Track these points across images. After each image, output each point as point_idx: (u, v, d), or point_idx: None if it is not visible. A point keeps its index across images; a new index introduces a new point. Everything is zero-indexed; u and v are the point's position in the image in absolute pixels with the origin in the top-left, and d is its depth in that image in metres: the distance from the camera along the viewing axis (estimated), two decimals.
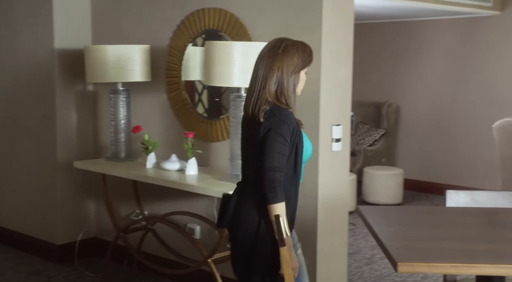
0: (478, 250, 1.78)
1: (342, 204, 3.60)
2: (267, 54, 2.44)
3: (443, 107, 7.05)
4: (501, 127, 4.78)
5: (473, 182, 6.77)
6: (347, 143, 3.56)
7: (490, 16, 6.56)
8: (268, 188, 2.32)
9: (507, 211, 2.32)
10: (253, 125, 2.41)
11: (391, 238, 1.83)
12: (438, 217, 2.23)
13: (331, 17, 3.37)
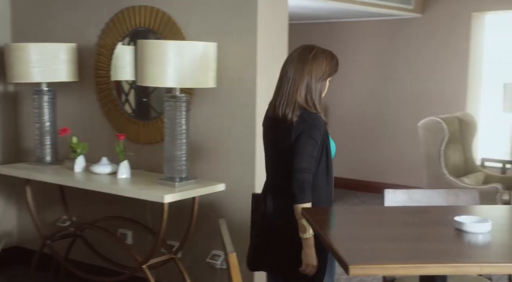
0: (425, 249, 1.80)
1: None
2: (297, 58, 2.53)
3: (369, 107, 7.23)
4: (425, 126, 4.95)
5: (399, 179, 6.98)
6: None
7: (411, 18, 6.79)
8: (297, 188, 2.40)
9: (443, 209, 2.38)
10: (283, 128, 2.49)
11: (339, 239, 1.82)
12: (381, 216, 2.25)
13: (266, 17, 3.35)
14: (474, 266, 1.62)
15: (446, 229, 1.99)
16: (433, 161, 4.90)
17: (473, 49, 6.50)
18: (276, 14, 3.44)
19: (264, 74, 3.37)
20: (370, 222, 2.13)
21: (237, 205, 3.46)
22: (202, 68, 3.21)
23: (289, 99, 2.48)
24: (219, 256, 3.56)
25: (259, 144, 3.37)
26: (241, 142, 3.42)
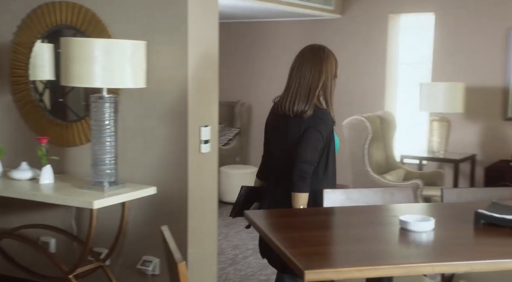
0: (376, 250, 1.81)
1: (212, 208, 3.53)
2: (311, 57, 2.66)
3: None
4: (350, 125, 5.05)
5: None
6: (215, 144, 3.49)
7: (332, 19, 6.92)
8: (298, 177, 2.53)
9: (383, 208, 2.41)
10: (295, 121, 2.61)
11: (289, 243, 1.79)
12: (327, 217, 2.25)
13: (196, 15, 3.27)
14: (427, 265, 1.65)
15: (391, 229, 2.01)
16: (358, 159, 5.01)
17: (390, 50, 6.72)
18: (207, 12, 3.37)
19: (195, 73, 3.29)
20: (316, 224, 2.12)
21: (169, 208, 3.36)
22: (131, 68, 3.08)
23: (309, 97, 2.60)
24: (151, 261, 3.45)
25: (192, 145, 3.30)
26: (172, 144, 3.32)
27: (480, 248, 1.89)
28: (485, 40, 6.09)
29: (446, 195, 2.57)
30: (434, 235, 1.96)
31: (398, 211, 2.30)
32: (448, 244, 1.91)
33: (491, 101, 6.09)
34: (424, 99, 5.90)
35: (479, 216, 2.08)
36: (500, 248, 1.89)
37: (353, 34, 6.84)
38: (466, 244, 1.93)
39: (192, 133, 3.30)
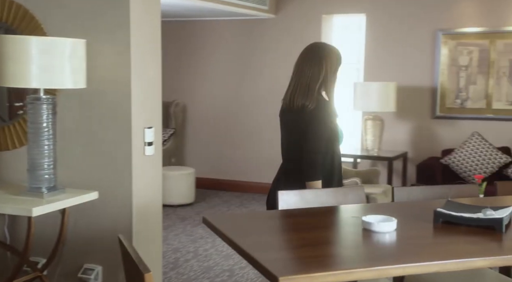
0: (346, 253, 1.79)
1: (157, 212, 3.42)
2: (311, 55, 2.86)
3: (228, 106, 7.26)
4: None
5: (261, 177, 7.11)
6: (159, 146, 3.39)
7: (267, 19, 6.93)
8: (308, 167, 2.72)
9: (343, 209, 2.41)
10: (298, 115, 2.79)
11: (257, 248, 1.74)
12: (288, 220, 2.22)
13: (139, 12, 3.15)
14: (399, 267, 1.65)
15: (354, 230, 2.01)
16: None
17: None
18: (149, 9, 3.26)
19: (139, 74, 3.18)
20: (280, 227, 2.08)
21: (112, 214, 3.23)
22: (70, 67, 2.93)
23: (309, 92, 2.78)
24: (93, 270, 3.30)
25: (136, 147, 3.18)
26: (115, 146, 3.18)
27: (447, 247, 1.91)
28: (414, 42, 6.30)
29: (396, 194, 2.60)
30: (397, 235, 1.98)
31: (357, 211, 2.31)
32: (414, 244, 1.92)
33: (421, 100, 6.30)
34: (358, 98, 6.02)
35: (438, 214, 2.12)
36: (466, 246, 1.93)
37: (287, 34, 6.88)
38: (432, 243, 1.96)
39: (136, 135, 3.18)
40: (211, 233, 5.47)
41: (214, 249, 4.99)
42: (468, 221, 2.06)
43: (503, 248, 1.94)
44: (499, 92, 6.01)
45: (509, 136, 5.95)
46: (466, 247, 1.91)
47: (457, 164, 5.71)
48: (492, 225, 2.03)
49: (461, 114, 6.16)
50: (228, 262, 4.63)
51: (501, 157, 5.63)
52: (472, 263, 1.76)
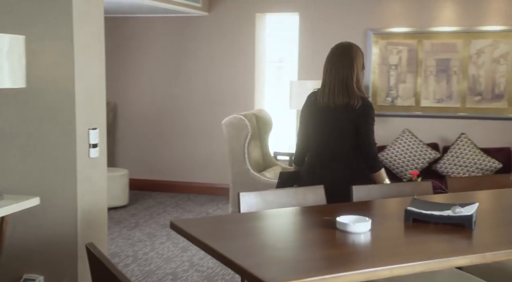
0: (330, 256, 1.76)
1: (102, 217, 3.28)
2: (343, 56, 3.09)
3: (163, 105, 7.10)
4: (229, 124, 5.02)
5: (195, 177, 7.02)
6: (104, 148, 3.24)
7: (199, 16, 6.84)
8: (373, 159, 3.09)
9: (315, 208, 2.39)
10: (344, 113, 3.04)
11: (239, 254, 1.68)
12: (261, 223, 2.16)
13: (81, 6, 3.00)
14: (386, 269, 1.64)
15: (330, 231, 1.99)
16: (238, 157, 4.99)
17: (258, 49, 6.81)
18: (91, 4, 3.11)
19: (82, 71, 3.02)
20: (254, 230, 2.03)
21: (55, 220, 3.05)
22: (8, 65, 2.73)
23: (348, 89, 3.02)
24: (33, 280, 3.11)
25: (81, 150, 3.03)
26: (58, 149, 3.01)
27: (424, 246, 1.93)
28: (346, 40, 6.40)
29: (355, 192, 2.62)
30: (372, 235, 1.98)
31: (327, 211, 2.29)
32: (392, 245, 1.93)
33: None
34: (294, 97, 6.06)
35: (409, 213, 2.14)
36: (442, 244, 1.96)
37: (221, 32, 6.82)
38: (408, 243, 1.97)
39: (80, 136, 3.03)
40: (149, 235, 5.35)
41: (155, 252, 4.86)
42: (439, 219, 2.10)
43: (477, 246, 1.99)
44: (427, 90, 6.24)
45: (437, 133, 6.19)
46: (442, 246, 1.94)
47: (390, 160, 5.87)
48: (462, 222, 2.08)
49: (392, 112, 6.35)
50: (170, 265, 4.52)
51: (430, 153, 5.85)
52: (453, 262, 1.79)
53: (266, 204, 2.43)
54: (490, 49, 6.01)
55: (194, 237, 1.88)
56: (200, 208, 6.37)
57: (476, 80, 6.09)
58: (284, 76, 7.09)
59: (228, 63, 6.83)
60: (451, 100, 6.18)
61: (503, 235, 2.11)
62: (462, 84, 6.12)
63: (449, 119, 6.14)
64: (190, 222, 2.14)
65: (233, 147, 5.01)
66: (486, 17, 6.00)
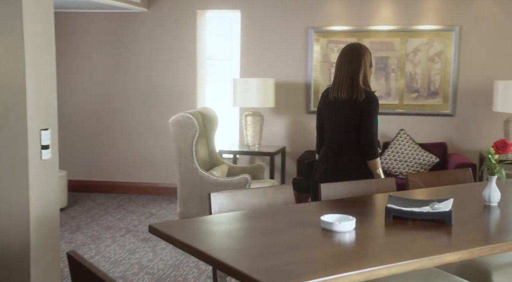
0: (322, 256, 1.74)
1: (55, 220, 3.13)
2: (352, 54, 3.40)
3: (102, 104, 6.88)
4: (176, 122, 4.92)
5: (137, 176, 6.86)
6: (55, 149, 3.09)
7: (139, 13, 6.68)
8: (370, 147, 3.33)
9: (289, 208, 2.37)
10: (350, 105, 3.34)
11: (231, 257, 1.63)
12: (245, 224, 2.12)
13: (31, 5, 2.83)
14: (383, 268, 1.64)
15: (314, 231, 1.98)
16: (186, 156, 4.91)
17: (200, 46, 6.74)
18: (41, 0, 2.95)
19: (33, 69, 2.86)
20: (241, 232, 1.99)
21: (4, 225, 2.88)
22: None
23: (353, 84, 3.34)
24: None
25: (33, 151, 2.87)
26: (8, 151, 2.85)
27: (411, 244, 1.96)
28: (288, 38, 6.46)
29: (323, 190, 2.62)
30: (357, 234, 1.98)
31: (307, 211, 2.28)
32: (381, 243, 1.95)
33: (296, 96, 6.49)
34: (238, 95, 6.04)
35: (389, 211, 2.16)
36: (428, 241, 2.00)
37: (161, 29, 6.70)
38: (395, 242, 1.98)
39: (32, 137, 2.87)
40: (93, 238, 5.17)
41: (101, 255, 4.70)
42: (420, 215, 2.14)
43: (461, 242, 2.03)
44: None
45: (379, 129, 6.34)
46: (429, 243, 1.97)
47: None
48: (441, 218, 2.12)
49: None
50: (119, 269, 4.40)
51: None
52: (443, 258, 1.81)
53: (236, 204, 2.39)
54: (425, 48, 6.23)
55: (180, 241, 1.81)
56: (143, 209, 6.23)
57: (413, 78, 6.29)
58: (227, 74, 7.05)
59: (169, 60, 6.71)
60: (390, 97, 6.36)
61: (479, 230, 2.19)
62: (400, 81, 6.31)
63: (388, 116, 6.31)
64: (169, 225, 2.06)
65: (181, 146, 4.92)
66: (422, 16, 6.21)
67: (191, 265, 4.46)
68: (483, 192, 2.51)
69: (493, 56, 6.10)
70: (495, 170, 2.39)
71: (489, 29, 6.08)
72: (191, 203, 4.97)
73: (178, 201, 5.04)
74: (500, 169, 2.41)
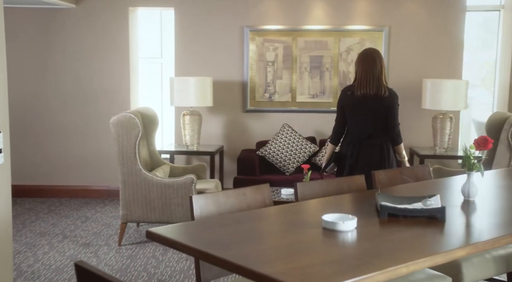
0: (340, 258, 1.74)
1: (7, 229, 2.94)
2: (373, 57, 4.09)
3: (28, 104, 6.52)
4: (118, 123, 4.75)
5: (66, 179, 6.58)
6: (8, 153, 2.90)
7: (67, 9, 6.41)
8: (397, 135, 4.10)
9: (278, 209, 2.35)
10: (378, 101, 4.05)
11: (249, 260, 1.59)
12: (247, 225, 2.07)
13: None
14: (402, 266, 1.65)
15: (315, 231, 1.97)
16: (128, 157, 4.76)
17: (132, 44, 6.56)
18: None
19: None
20: (248, 234, 1.94)
21: None
22: None
23: (379, 82, 4.05)
24: None
25: None
26: None
27: (424, 241, 2.00)
28: (224, 37, 6.43)
29: (300, 189, 2.63)
30: (358, 233, 1.99)
31: (298, 211, 2.27)
32: (389, 241, 1.96)
33: (233, 94, 6.48)
34: (175, 94, 5.94)
35: (384, 208, 2.19)
36: (433, 238, 2.06)
37: (91, 26, 6.46)
38: (407, 238, 2.02)
39: None
40: (28, 246, 4.91)
41: (40, 263, 4.49)
42: (415, 212, 2.18)
43: (460, 237, 2.10)
44: (302, 86, 6.49)
45: (313, 127, 6.47)
46: (435, 239, 2.02)
47: (273, 154, 6.02)
48: (435, 215, 2.18)
49: (270, 108, 6.50)
50: (63, 276, 4.21)
51: (310, 146, 6.10)
52: (452, 254, 1.85)
53: (218, 206, 2.35)
54: (357, 47, 6.41)
55: (190, 247, 1.75)
56: (77, 213, 5.99)
57: (346, 77, 6.47)
58: (157, 73, 6.92)
59: (100, 59, 6.49)
60: (325, 95, 6.50)
61: (472, 225, 2.26)
62: (333, 80, 6.46)
63: (323, 114, 6.45)
64: (169, 230, 1.98)
65: (123, 147, 4.77)
66: (353, 17, 6.39)
67: (139, 269, 4.35)
68: (462, 188, 2.60)
69: (421, 56, 6.39)
70: (473, 166, 2.49)
71: (415, 30, 6.36)
72: (134, 206, 4.84)
73: (120, 203, 4.89)
74: (479, 165, 2.51)
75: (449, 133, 6.02)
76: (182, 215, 4.78)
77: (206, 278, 2.17)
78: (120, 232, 4.92)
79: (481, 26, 7.05)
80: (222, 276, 2.34)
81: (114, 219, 5.77)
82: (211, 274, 2.16)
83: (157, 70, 7.02)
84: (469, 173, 2.53)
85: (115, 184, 6.58)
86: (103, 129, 6.43)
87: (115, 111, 6.42)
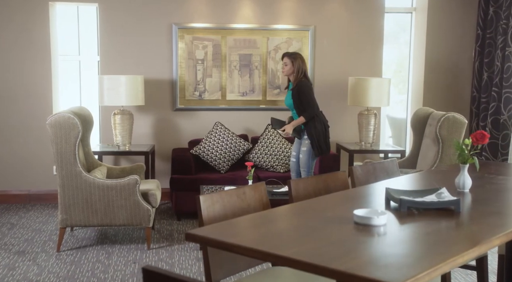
0: (384, 253, 1.77)
1: None
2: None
3: None
4: (56, 123, 4.49)
5: (16, 184, 6.14)
6: None
7: None
8: None
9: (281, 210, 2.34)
10: None
11: (315, 257, 1.59)
12: (275, 225, 2.04)
13: None
14: (459, 257, 1.70)
15: (347, 226, 2.00)
16: (67, 159, 4.53)
17: (54, 41, 6.24)
18: None
19: None
20: (293, 232, 1.93)
21: None
22: None
23: None
24: None
25: None
26: None
27: (470, 232, 2.08)
28: (152, 35, 6.30)
29: (293, 186, 2.65)
30: (390, 227, 2.04)
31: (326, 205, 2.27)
32: (423, 233, 2.03)
33: (163, 93, 6.37)
34: (105, 92, 5.74)
35: (404, 202, 2.26)
36: (470, 228, 2.14)
37: (6, 21, 6.06)
38: (442, 230, 2.09)
39: None
40: None
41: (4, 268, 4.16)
42: (433, 205, 2.27)
43: (484, 225, 2.18)
44: (232, 84, 6.52)
45: (244, 125, 6.53)
46: (468, 229, 2.12)
47: (207, 152, 6.00)
48: (450, 206, 2.29)
49: (200, 106, 6.46)
50: None
51: (243, 144, 6.15)
52: (493, 242, 1.93)
53: (221, 206, 2.33)
54: (285, 46, 6.55)
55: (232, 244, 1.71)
56: (29, 218, 5.61)
57: (274, 75, 6.59)
58: (80, 70, 6.63)
59: (17, 56, 6.10)
60: (254, 93, 6.57)
61: (487, 215, 2.33)
62: (262, 78, 6.56)
63: (253, 112, 6.53)
64: (209, 230, 1.92)
65: (62, 148, 4.54)
66: (280, 16, 6.52)
67: (87, 275, 4.17)
68: (456, 180, 2.74)
69: (345, 54, 6.65)
70: (468, 159, 2.64)
71: (339, 30, 6.61)
72: (74, 210, 4.63)
73: (59, 207, 4.65)
74: (474, 158, 2.66)
75: (373, 129, 6.33)
76: (126, 217, 4.65)
77: (216, 278, 2.15)
78: (59, 237, 4.68)
79: (395, 26, 7.47)
80: (231, 275, 2.33)
81: (43, 224, 5.47)
82: (222, 274, 2.15)
83: (75, 68, 6.72)
84: (463, 165, 2.69)
85: (36, 188, 6.25)
86: (24, 131, 6.07)
87: (37, 112, 6.11)
